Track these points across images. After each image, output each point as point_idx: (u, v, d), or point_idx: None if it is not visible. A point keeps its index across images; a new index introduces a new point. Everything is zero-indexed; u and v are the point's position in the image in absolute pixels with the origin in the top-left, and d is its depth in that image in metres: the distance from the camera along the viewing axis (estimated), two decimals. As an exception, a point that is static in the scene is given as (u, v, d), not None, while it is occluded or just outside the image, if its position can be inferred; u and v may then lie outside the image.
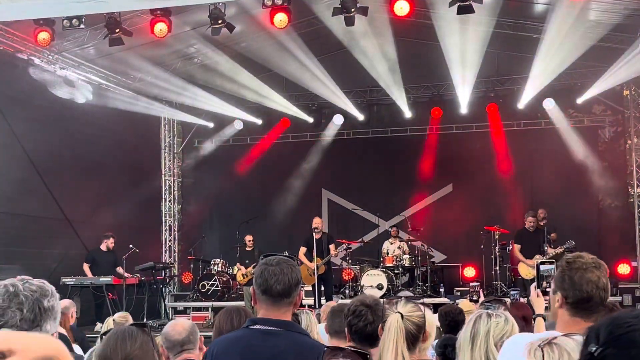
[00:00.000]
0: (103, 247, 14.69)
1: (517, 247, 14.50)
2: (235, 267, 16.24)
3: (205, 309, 16.09)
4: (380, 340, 3.65)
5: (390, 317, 3.46)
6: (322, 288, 14.71)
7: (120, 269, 14.61)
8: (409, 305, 3.57)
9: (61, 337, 5.29)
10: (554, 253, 13.76)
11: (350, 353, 3.47)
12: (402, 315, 3.44)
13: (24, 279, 2.07)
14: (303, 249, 14.90)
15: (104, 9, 11.62)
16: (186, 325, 4.63)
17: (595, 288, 3.12)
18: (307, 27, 15.59)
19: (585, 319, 3.13)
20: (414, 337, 3.51)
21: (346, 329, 3.83)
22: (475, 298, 14.25)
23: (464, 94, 16.87)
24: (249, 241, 16.09)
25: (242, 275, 15.77)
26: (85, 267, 14.42)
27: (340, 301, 10.38)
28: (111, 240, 14.72)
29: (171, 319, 16.07)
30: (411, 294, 7.47)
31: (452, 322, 5.77)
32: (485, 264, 16.11)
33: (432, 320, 3.77)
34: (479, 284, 15.33)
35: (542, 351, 2.20)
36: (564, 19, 13.54)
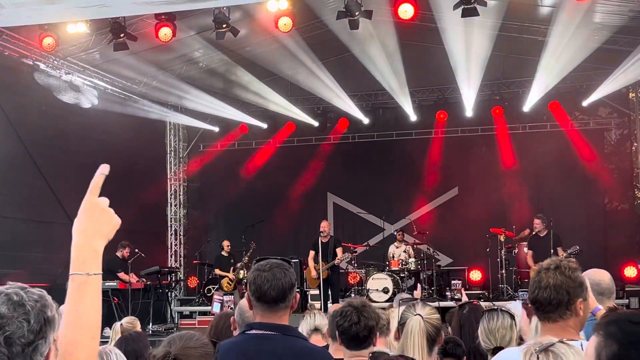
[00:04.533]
0: (119, 254, 14.68)
1: (529, 253, 14.56)
2: (213, 272, 16.71)
3: (212, 313, 16.08)
4: (397, 339, 3.65)
5: (412, 320, 3.45)
6: (329, 292, 14.71)
7: (133, 276, 14.56)
8: (427, 308, 3.58)
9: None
10: (562, 256, 13.74)
11: (396, 357, 3.43)
12: (422, 318, 3.45)
13: (23, 287, 2.04)
14: (312, 253, 14.99)
15: (108, 13, 11.65)
16: None
17: (537, 288, 3.13)
18: (312, 31, 15.59)
19: (548, 321, 3.15)
20: (433, 339, 3.52)
21: (336, 332, 3.82)
22: (457, 296, 14.25)
23: (469, 97, 16.84)
24: (227, 246, 16.61)
25: (228, 282, 16.17)
26: (122, 275, 14.37)
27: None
28: (127, 249, 14.76)
29: (177, 324, 16.15)
30: (410, 297, 7.42)
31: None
32: (491, 267, 16.07)
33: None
34: (460, 281, 15.35)
35: (538, 358, 2.19)
36: (569, 21, 13.53)
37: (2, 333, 1.93)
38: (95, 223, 2.08)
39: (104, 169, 2.16)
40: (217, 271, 16.44)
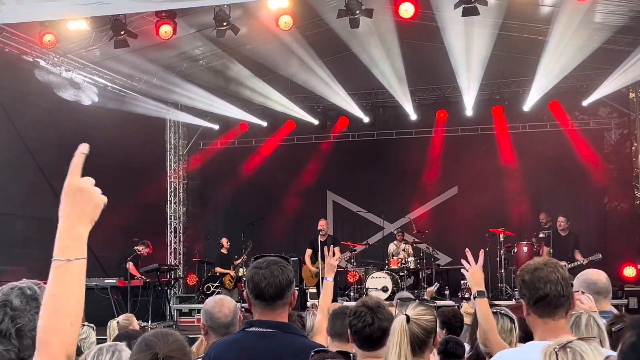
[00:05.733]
0: (138, 249, 14.89)
1: (546, 250, 14.60)
2: (213, 270, 16.73)
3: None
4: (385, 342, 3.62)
5: (395, 320, 3.41)
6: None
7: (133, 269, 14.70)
8: (419, 308, 3.51)
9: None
10: (581, 261, 13.80)
11: (334, 354, 3.44)
12: (408, 318, 3.39)
13: (37, 283, 2.07)
14: (309, 251, 15.13)
15: (108, 11, 11.64)
16: (231, 306, 4.58)
17: (548, 282, 3.13)
18: (313, 29, 15.58)
19: (553, 318, 3.15)
20: (421, 341, 3.43)
21: (348, 331, 3.81)
22: (467, 296, 14.25)
23: (469, 96, 16.84)
24: (226, 243, 16.64)
25: (229, 280, 16.23)
26: (131, 265, 14.48)
27: (346, 303, 10.35)
28: (148, 249, 15.03)
29: (176, 321, 16.15)
30: (411, 295, 7.42)
31: (446, 324, 5.80)
32: (490, 266, 16.04)
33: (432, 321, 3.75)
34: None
35: (557, 355, 2.21)
36: (570, 21, 13.52)
37: (14, 325, 1.96)
38: (76, 206, 2.01)
39: (83, 148, 2.06)
40: (218, 269, 16.43)
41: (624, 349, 1.73)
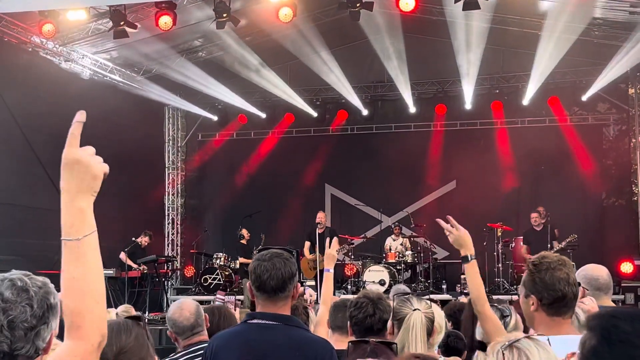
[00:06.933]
0: (138, 240, 14.98)
1: (524, 247, 14.70)
2: (238, 262, 16.44)
3: (208, 302, 16.04)
4: (390, 334, 3.65)
5: (413, 314, 3.48)
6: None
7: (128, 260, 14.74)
8: (423, 302, 3.62)
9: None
10: (557, 248, 13.92)
11: (377, 344, 3.45)
12: (422, 312, 3.52)
13: (27, 274, 2.05)
14: (307, 244, 15.12)
15: (108, 1, 11.62)
16: (192, 309, 4.64)
17: (567, 285, 3.14)
18: (314, 21, 15.52)
19: (563, 317, 3.16)
20: (429, 332, 3.56)
21: (348, 322, 3.83)
22: (466, 291, 14.27)
23: (468, 91, 16.83)
24: (247, 234, 16.46)
25: None
26: (124, 255, 14.50)
27: (343, 296, 10.35)
28: (147, 238, 15.08)
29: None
30: (407, 289, 7.42)
31: (452, 317, 5.81)
32: (488, 261, 16.06)
33: (442, 315, 3.80)
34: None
35: (503, 354, 2.21)
36: (569, 15, 13.52)
37: (6, 317, 1.95)
38: (73, 178, 1.92)
39: (80, 116, 1.99)
40: (241, 259, 16.25)
41: (584, 352, 1.68)
